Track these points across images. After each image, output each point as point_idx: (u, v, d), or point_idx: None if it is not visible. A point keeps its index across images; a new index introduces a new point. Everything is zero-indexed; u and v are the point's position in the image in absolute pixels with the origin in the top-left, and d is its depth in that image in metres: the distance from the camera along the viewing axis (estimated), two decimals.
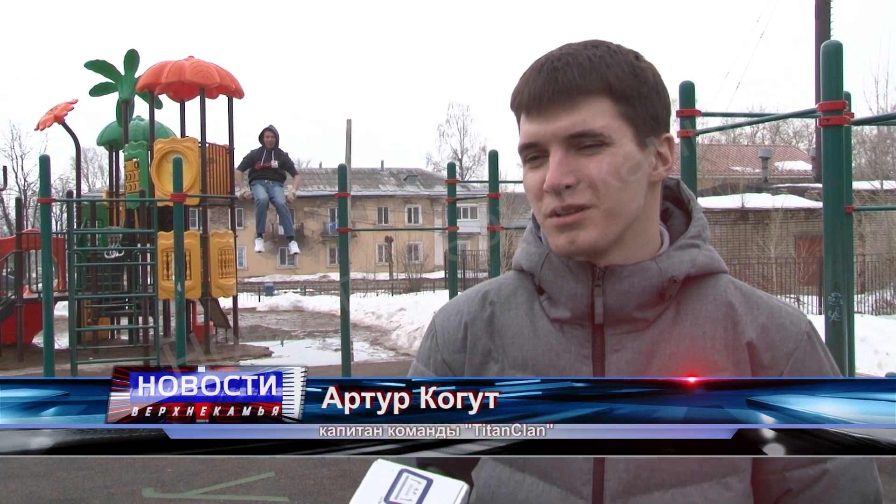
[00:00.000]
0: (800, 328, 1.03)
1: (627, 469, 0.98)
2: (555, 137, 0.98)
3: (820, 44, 5.80)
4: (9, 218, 50.82)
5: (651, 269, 1.02)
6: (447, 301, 1.20)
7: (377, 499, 0.80)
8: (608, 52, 1.00)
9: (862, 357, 8.45)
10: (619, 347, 1.02)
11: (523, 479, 1.02)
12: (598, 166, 0.97)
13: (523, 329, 1.08)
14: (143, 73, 13.81)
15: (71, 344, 9.41)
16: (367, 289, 29.01)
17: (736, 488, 0.98)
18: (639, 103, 1.00)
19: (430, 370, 1.14)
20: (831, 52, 4.33)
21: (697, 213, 1.10)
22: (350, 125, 19.44)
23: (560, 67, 0.98)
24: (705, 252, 1.06)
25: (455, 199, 9.98)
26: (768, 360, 1.01)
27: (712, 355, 1.01)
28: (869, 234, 19.65)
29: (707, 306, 1.03)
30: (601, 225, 0.99)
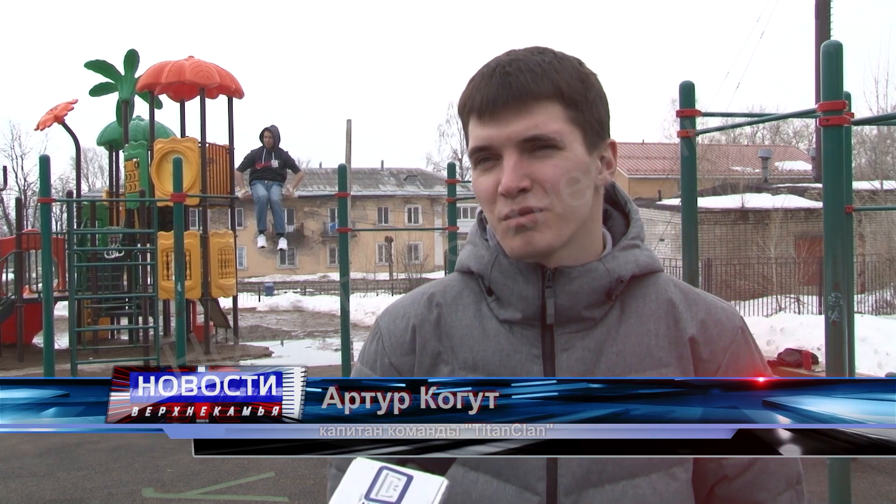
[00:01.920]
0: (735, 323, 1.09)
1: (580, 464, 1.01)
2: (508, 141, 1.00)
3: (820, 44, 5.80)
4: (9, 218, 50.83)
5: (599, 270, 1.05)
6: (390, 304, 1.20)
7: (358, 496, 0.80)
8: (556, 58, 1.02)
9: (862, 357, 8.45)
10: (568, 346, 1.05)
11: (477, 479, 1.04)
12: (553, 170, 1.00)
13: (472, 330, 1.09)
14: (143, 73, 13.81)
15: (71, 344, 9.41)
16: (367, 289, 29.02)
17: (682, 478, 1.03)
18: (586, 108, 1.02)
19: (377, 374, 1.13)
20: (831, 52, 4.33)
21: (635, 214, 1.14)
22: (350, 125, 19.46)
23: (512, 73, 1.00)
24: (645, 252, 1.10)
25: (455, 199, 9.99)
26: (707, 354, 1.05)
27: (657, 352, 1.04)
28: (869, 234, 19.66)
29: (650, 304, 1.07)
30: (555, 227, 1.01)
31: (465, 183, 13.67)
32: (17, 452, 6.51)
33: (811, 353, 7.73)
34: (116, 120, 15.29)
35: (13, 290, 13.93)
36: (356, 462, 0.83)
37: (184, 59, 13.59)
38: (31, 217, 43.59)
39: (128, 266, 13.32)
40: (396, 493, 0.80)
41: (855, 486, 4.93)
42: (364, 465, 0.82)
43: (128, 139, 14.31)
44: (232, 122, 14.18)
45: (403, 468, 0.82)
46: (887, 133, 24.90)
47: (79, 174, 18.37)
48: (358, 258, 43.24)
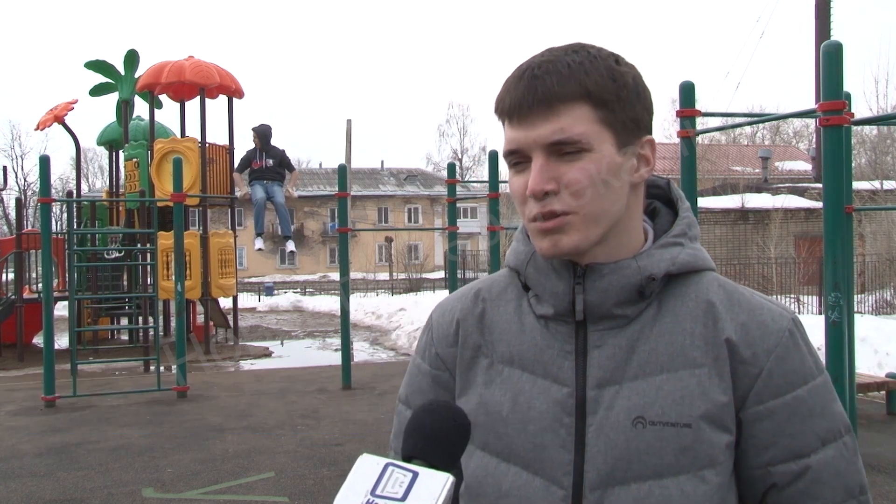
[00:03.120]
0: (781, 325, 1.05)
1: (606, 461, 1.01)
2: (536, 144, 1.00)
3: (820, 44, 5.79)
4: (9, 218, 50.83)
5: (630, 267, 1.04)
6: (444, 298, 1.25)
7: (363, 492, 0.80)
8: (587, 57, 1.01)
9: (862, 357, 8.44)
10: (600, 343, 1.05)
11: (508, 470, 1.05)
12: (579, 172, 1.00)
13: (511, 325, 1.11)
14: (143, 73, 13.81)
15: (71, 344, 9.40)
16: (367, 289, 29.01)
17: (712, 482, 1.00)
18: (618, 108, 1.01)
19: (426, 363, 1.18)
20: (831, 52, 4.33)
21: (684, 212, 1.12)
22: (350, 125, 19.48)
23: (539, 75, 1.00)
24: (689, 250, 1.08)
25: (455, 199, 9.98)
26: (748, 356, 1.02)
27: (691, 351, 1.03)
28: (869, 234, 19.65)
29: (688, 303, 1.06)
30: (582, 230, 1.01)
31: (465, 183, 13.67)
32: (17, 452, 6.50)
33: None
34: (116, 120, 15.28)
35: (13, 290, 13.93)
36: (362, 458, 0.83)
37: (184, 59, 13.59)
38: (31, 217, 43.58)
39: (128, 266, 13.31)
40: (402, 489, 0.80)
41: None
42: (370, 461, 0.82)
43: (128, 139, 14.31)
44: (232, 122, 14.18)
45: (409, 464, 0.82)
46: (887, 133, 24.90)
47: (79, 174, 18.37)
48: (358, 258, 43.22)
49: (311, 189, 51.50)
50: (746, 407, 1.02)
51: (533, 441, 1.04)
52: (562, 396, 1.04)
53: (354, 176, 47.60)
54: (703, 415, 1.00)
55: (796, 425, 1.02)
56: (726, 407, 1.01)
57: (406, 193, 55.13)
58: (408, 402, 1.19)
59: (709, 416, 1.00)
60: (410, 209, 55.08)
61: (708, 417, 1.00)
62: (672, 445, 0.99)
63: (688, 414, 1.00)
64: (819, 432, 1.02)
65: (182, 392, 8.86)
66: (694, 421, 1.00)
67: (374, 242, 49.33)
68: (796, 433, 1.02)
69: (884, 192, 20.35)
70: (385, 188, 55.29)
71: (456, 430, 0.89)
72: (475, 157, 62.93)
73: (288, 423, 7.46)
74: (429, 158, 67.47)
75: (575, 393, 1.04)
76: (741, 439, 1.03)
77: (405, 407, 1.19)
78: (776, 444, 1.02)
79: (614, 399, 1.02)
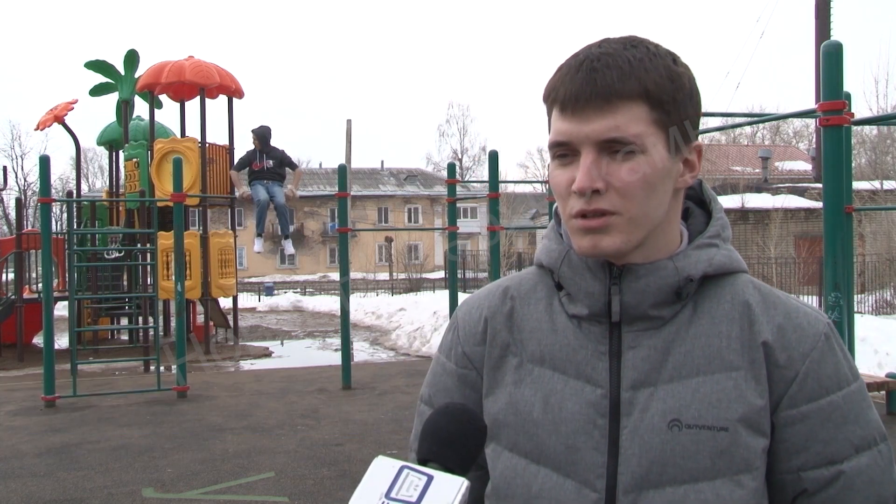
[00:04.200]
0: (817, 329, 1.03)
1: (640, 464, 0.99)
2: (587, 139, 0.97)
3: (820, 44, 5.79)
4: (9, 218, 50.82)
5: (668, 268, 1.03)
6: (470, 295, 1.22)
7: (378, 495, 0.79)
8: (647, 54, 0.98)
9: (862, 357, 8.45)
10: (635, 345, 1.03)
11: (538, 472, 1.04)
12: (629, 174, 0.97)
13: (542, 324, 1.09)
14: (143, 73, 13.80)
15: (71, 344, 9.40)
16: (367, 289, 29.00)
17: (748, 486, 0.99)
18: (674, 110, 0.99)
19: (451, 362, 1.15)
20: (831, 52, 4.33)
21: (718, 213, 1.10)
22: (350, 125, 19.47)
23: (599, 68, 0.97)
24: (724, 252, 1.06)
25: (455, 199, 9.99)
26: (784, 359, 1.01)
27: (727, 354, 1.01)
28: (869, 234, 19.65)
29: (724, 305, 1.04)
30: (625, 232, 0.99)
31: (465, 183, 13.68)
32: (17, 452, 6.50)
33: None
34: (116, 120, 15.28)
35: (13, 290, 13.92)
36: (377, 461, 0.83)
37: (184, 59, 13.58)
38: (31, 217, 43.57)
39: (128, 266, 13.31)
40: (417, 493, 0.79)
41: None
42: (385, 463, 0.82)
43: (128, 139, 14.30)
44: (232, 122, 14.18)
45: (424, 468, 0.82)
46: (887, 133, 24.90)
47: (79, 174, 18.36)
48: (358, 258, 43.21)
49: (311, 189, 51.49)
50: (780, 410, 1.01)
51: (565, 443, 1.02)
52: (595, 398, 1.02)
53: (354, 176, 47.60)
54: (740, 418, 0.98)
55: (830, 431, 1.00)
56: (763, 410, 1.00)
57: (406, 193, 55.13)
58: (430, 401, 1.16)
59: (746, 419, 0.99)
60: (410, 209, 55.08)
61: (745, 421, 0.99)
62: (708, 449, 0.98)
63: (724, 417, 0.98)
64: (853, 439, 1.00)
65: (182, 392, 8.86)
66: (731, 424, 0.98)
67: (374, 242, 49.32)
68: (830, 439, 1.00)
69: (884, 192, 20.35)
70: (385, 188, 55.28)
71: (472, 434, 0.89)
72: (475, 157, 62.97)
73: (288, 423, 7.46)
74: (429, 158, 67.54)
75: (609, 394, 1.02)
76: (773, 443, 1.01)
77: (428, 407, 1.16)
78: (808, 449, 1.00)
79: (649, 401, 1.01)
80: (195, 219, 15.61)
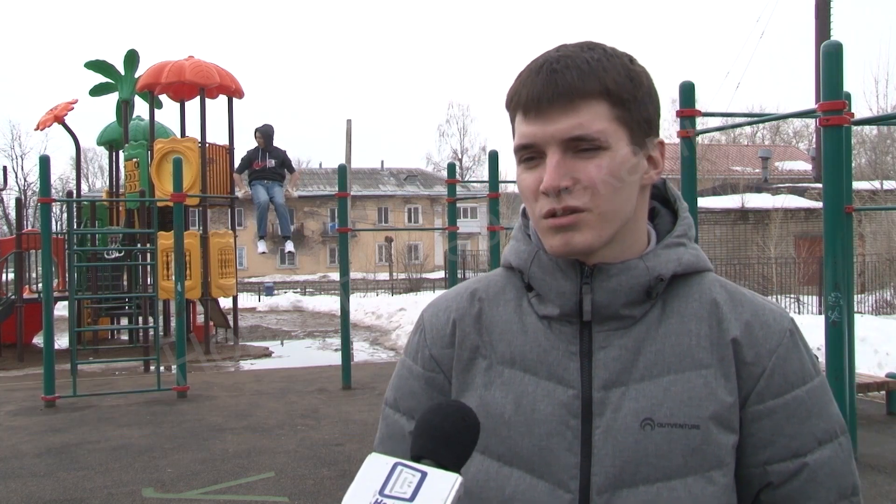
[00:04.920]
0: (782, 325, 1.05)
1: (613, 464, 1.00)
2: (552, 139, 0.99)
3: (820, 44, 5.79)
4: (9, 218, 50.82)
5: (638, 268, 1.03)
6: (435, 297, 1.21)
7: (372, 492, 0.79)
8: (605, 55, 1.00)
9: (862, 357, 8.44)
10: (606, 344, 1.04)
11: (511, 474, 1.03)
12: (596, 170, 0.99)
13: (511, 325, 1.09)
14: (143, 73, 13.80)
15: (71, 344, 9.39)
16: (367, 289, 29.00)
17: (720, 482, 1.00)
18: (634, 107, 1.01)
19: (418, 365, 1.14)
20: (831, 52, 4.33)
21: (683, 212, 1.11)
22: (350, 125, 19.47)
23: (559, 69, 0.98)
24: (691, 251, 1.08)
25: (455, 199, 9.98)
26: (752, 356, 1.02)
27: (697, 352, 1.02)
28: (869, 234, 19.65)
29: (693, 304, 1.05)
30: (596, 228, 1.00)
31: (465, 183, 13.68)
32: (17, 452, 6.50)
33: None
34: (116, 120, 15.28)
35: (13, 290, 13.92)
36: (370, 458, 0.83)
37: (184, 59, 13.58)
38: (31, 217, 43.58)
39: (128, 266, 13.31)
40: (411, 489, 0.79)
41: None
42: (378, 460, 0.82)
43: (128, 139, 14.30)
44: (232, 122, 14.18)
45: (418, 464, 0.82)
46: (887, 133, 24.91)
47: (79, 174, 18.36)
48: (358, 258, 43.21)
49: (311, 189, 51.49)
50: (748, 406, 1.02)
51: (538, 444, 1.02)
52: (567, 398, 1.03)
53: (354, 176, 47.59)
54: (711, 416, 1.00)
55: (795, 425, 1.02)
56: (732, 407, 1.01)
57: (406, 193, 55.12)
58: (396, 405, 1.15)
59: (717, 416, 1.00)
60: (410, 209, 55.07)
61: (716, 418, 1.00)
62: (681, 447, 0.99)
63: (696, 415, 0.99)
64: (816, 432, 1.03)
65: (182, 392, 8.86)
66: (702, 422, 0.99)
67: (374, 242, 49.32)
68: (795, 433, 1.02)
69: (884, 192, 20.35)
70: (385, 188, 55.28)
71: (466, 431, 0.89)
72: (475, 157, 62.96)
73: (288, 423, 7.46)
74: (429, 158, 67.53)
75: (581, 395, 1.02)
76: (741, 438, 1.03)
77: (393, 411, 1.15)
78: (775, 443, 1.02)
79: (621, 401, 1.01)
80: (195, 219, 15.61)
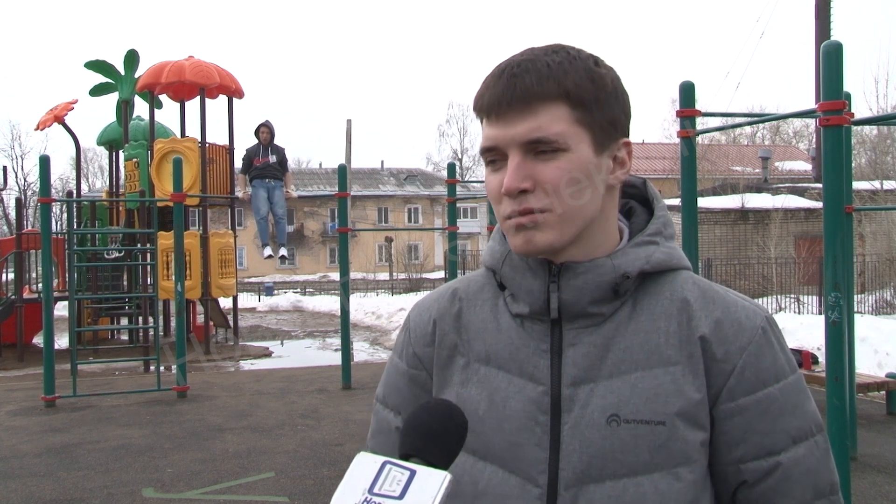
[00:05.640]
0: (755, 323, 1.05)
1: (580, 459, 1.01)
2: (512, 142, 1.01)
3: (820, 44, 5.79)
4: (9, 218, 50.81)
5: (605, 266, 1.05)
6: (422, 297, 1.25)
7: (361, 491, 0.80)
8: (567, 57, 1.02)
9: (862, 357, 8.44)
10: (575, 342, 1.05)
11: (484, 468, 1.06)
12: (554, 172, 1.00)
13: (487, 324, 1.12)
14: (143, 73, 13.81)
15: (71, 344, 9.40)
16: (367, 289, 29.00)
17: (686, 479, 1.00)
18: (597, 109, 1.02)
19: (403, 362, 1.18)
20: (831, 52, 4.33)
21: (659, 210, 1.13)
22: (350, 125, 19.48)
23: (519, 74, 1.00)
24: (663, 249, 1.08)
25: (455, 199, 9.98)
26: (721, 353, 1.03)
27: (666, 349, 1.03)
28: (869, 234, 19.65)
29: (663, 302, 1.06)
30: (557, 228, 1.02)
31: (465, 183, 13.67)
32: (17, 452, 6.50)
33: (811, 353, 7.73)
34: (116, 120, 15.28)
35: (13, 290, 13.92)
36: (359, 457, 0.83)
37: (184, 59, 13.58)
38: (31, 217, 43.58)
39: (128, 266, 13.31)
40: (400, 488, 0.79)
41: (855, 485, 4.93)
42: (367, 459, 0.82)
43: (128, 139, 14.30)
44: (232, 122, 14.18)
45: (407, 462, 0.82)
46: (887, 133, 24.90)
47: (79, 174, 18.37)
48: (358, 258, 43.21)
49: (311, 189, 51.47)
50: (719, 403, 1.02)
51: (509, 439, 1.04)
52: (537, 395, 1.04)
53: (354, 176, 47.58)
54: (677, 412, 1.00)
55: (767, 423, 1.02)
56: (700, 404, 1.01)
57: (406, 193, 55.12)
58: (385, 401, 1.19)
59: (683, 413, 1.00)
60: (410, 209, 55.07)
61: (682, 415, 1.00)
62: (647, 443, 1.00)
63: (662, 412, 1.00)
64: (790, 430, 1.03)
65: (182, 392, 8.86)
66: (668, 418, 1.00)
67: (374, 242, 49.32)
68: (767, 431, 1.02)
69: (884, 192, 20.34)
70: (385, 188, 55.27)
71: (454, 429, 0.89)
72: (475, 157, 62.93)
73: (288, 423, 7.46)
74: (429, 158, 67.67)
75: (550, 391, 1.04)
76: (713, 435, 1.03)
77: (382, 406, 1.20)
78: (747, 440, 1.02)
79: (589, 397, 1.02)
80: (195, 219, 15.62)
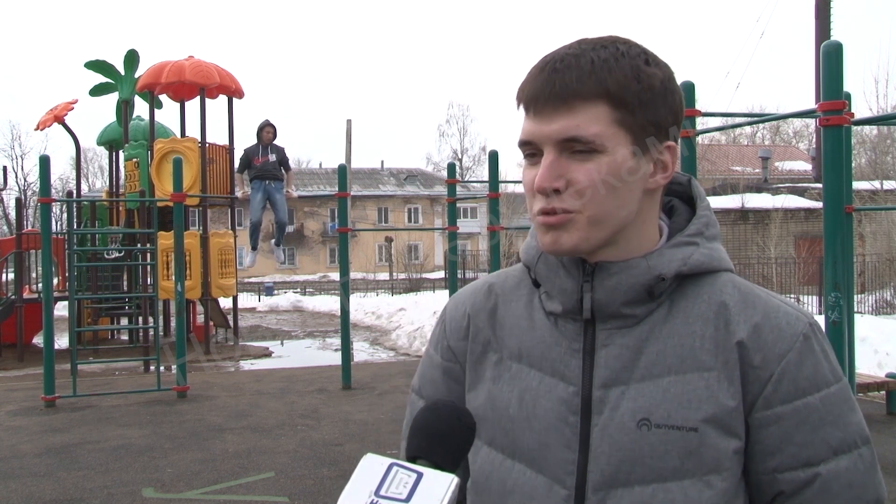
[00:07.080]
0: (796, 329, 1.01)
1: (609, 462, 0.99)
2: (548, 139, 0.98)
3: (820, 44, 5.79)
4: (9, 218, 50.80)
5: (640, 267, 1.02)
6: (459, 290, 1.24)
7: (367, 493, 0.79)
8: (615, 54, 0.98)
9: (862, 357, 8.44)
10: (608, 343, 1.03)
11: (513, 467, 1.05)
12: (587, 174, 0.97)
13: (521, 321, 1.10)
14: (143, 73, 13.80)
15: (71, 344, 9.39)
16: (367, 289, 29.00)
17: (718, 487, 0.98)
18: (639, 110, 0.98)
19: (438, 355, 1.18)
20: (831, 52, 4.33)
21: (702, 210, 1.09)
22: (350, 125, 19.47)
23: (560, 69, 0.97)
24: (703, 250, 1.04)
25: (455, 199, 9.98)
26: (759, 360, 0.99)
27: (701, 354, 1.00)
28: (869, 234, 19.65)
29: (700, 305, 1.03)
30: (583, 230, 0.99)
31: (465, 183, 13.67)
32: (17, 452, 6.50)
33: None
34: (116, 120, 15.28)
35: (13, 290, 13.92)
36: (366, 458, 0.82)
37: (184, 59, 13.58)
38: (31, 217, 43.58)
39: (128, 266, 13.31)
40: (406, 490, 0.79)
41: None
42: (374, 461, 0.82)
43: (128, 139, 14.30)
44: (232, 122, 14.18)
45: (414, 465, 0.82)
46: (887, 133, 24.90)
47: (79, 174, 18.37)
48: (358, 258, 43.22)
49: (311, 189, 51.47)
50: (755, 411, 0.99)
51: (538, 439, 1.03)
52: (568, 395, 1.03)
53: (354, 176, 47.58)
54: (709, 419, 0.97)
55: (806, 433, 0.98)
56: (735, 412, 0.98)
57: (406, 193, 55.11)
58: (420, 391, 1.19)
59: (716, 420, 0.98)
60: (410, 209, 55.06)
61: (715, 422, 0.98)
62: (677, 449, 0.97)
63: (694, 418, 0.97)
64: (831, 442, 0.99)
65: (182, 392, 8.85)
66: (700, 425, 0.97)
67: (374, 242, 49.32)
68: (805, 441, 0.98)
69: (884, 192, 20.35)
70: (385, 188, 55.26)
71: (461, 431, 0.89)
72: (475, 157, 62.93)
73: (288, 423, 7.46)
74: (429, 158, 67.55)
75: (581, 392, 1.02)
76: (749, 444, 1.00)
77: (417, 397, 1.20)
78: (783, 450, 0.99)
79: (620, 400, 1.00)
80: (195, 219, 15.61)
